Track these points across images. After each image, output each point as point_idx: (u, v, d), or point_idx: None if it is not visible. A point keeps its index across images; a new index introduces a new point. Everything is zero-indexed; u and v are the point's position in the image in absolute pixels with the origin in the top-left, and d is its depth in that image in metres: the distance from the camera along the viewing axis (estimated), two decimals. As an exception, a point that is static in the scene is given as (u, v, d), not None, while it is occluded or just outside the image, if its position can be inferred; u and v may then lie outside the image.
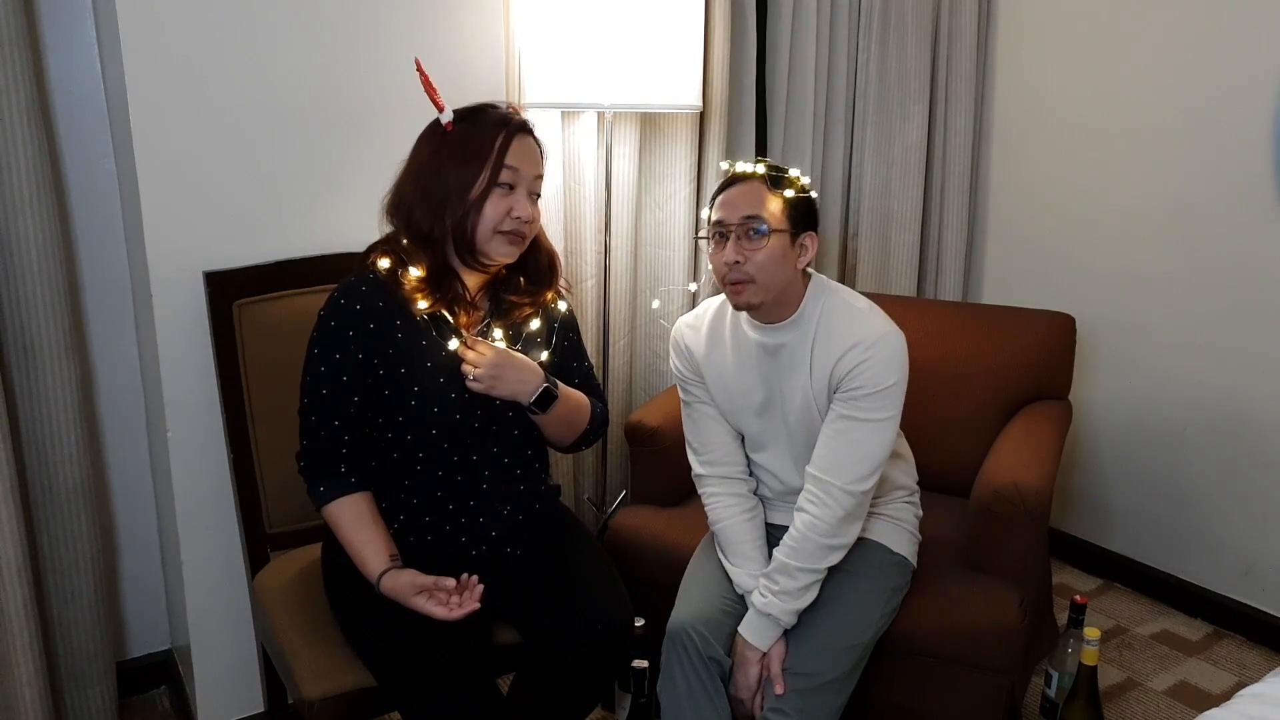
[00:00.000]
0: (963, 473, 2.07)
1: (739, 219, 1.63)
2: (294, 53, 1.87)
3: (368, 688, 1.54)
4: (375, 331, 1.54)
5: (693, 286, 2.45)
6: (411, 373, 1.56)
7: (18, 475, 1.73)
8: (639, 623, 1.91)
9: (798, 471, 1.74)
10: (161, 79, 1.75)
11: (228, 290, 1.78)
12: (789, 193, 1.65)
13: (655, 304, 2.45)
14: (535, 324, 1.66)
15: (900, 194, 2.75)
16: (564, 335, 1.73)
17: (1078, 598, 2.00)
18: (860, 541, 1.75)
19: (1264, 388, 2.42)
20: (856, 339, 1.63)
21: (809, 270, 1.72)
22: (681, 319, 1.85)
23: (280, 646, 1.63)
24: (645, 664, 1.92)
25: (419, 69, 1.57)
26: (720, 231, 1.65)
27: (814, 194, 1.72)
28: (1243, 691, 1.37)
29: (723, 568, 1.80)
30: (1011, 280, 2.96)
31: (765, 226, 1.62)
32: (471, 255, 1.55)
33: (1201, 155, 2.47)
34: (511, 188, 1.54)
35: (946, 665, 1.80)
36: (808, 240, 1.68)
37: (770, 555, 1.73)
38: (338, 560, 1.65)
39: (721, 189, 1.70)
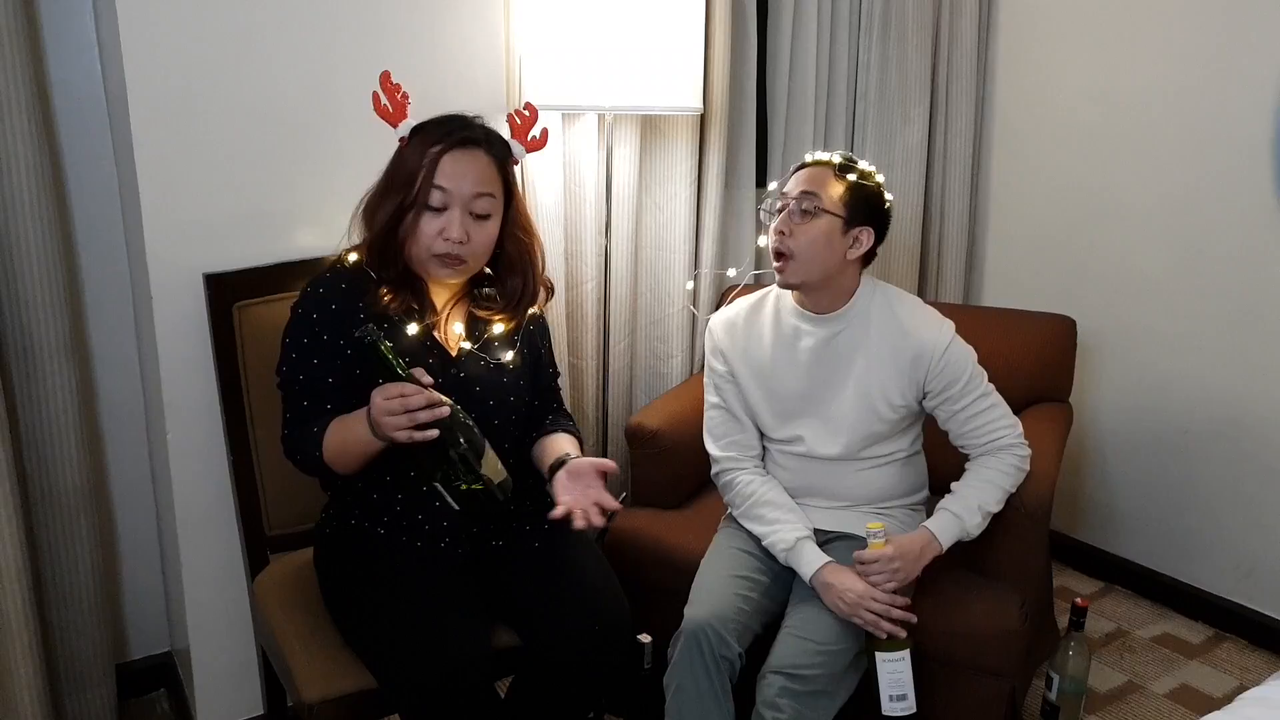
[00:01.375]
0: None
1: (797, 194, 1.74)
2: (294, 54, 1.86)
3: (367, 690, 1.53)
4: (338, 313, 1.55)
5: (731, 272, 2.46)
6: None
7: (17, 478, 1.73)
8: (645, 639, 1.90)
9: (831, 440, 1.81)
10: (161, 79, 1.75)
11: (227, 292, 1.78)
12: (851, 177, 1.72)
13: (689, 285, 2.46)
14: (499, 329, 1.66)
15: (901, 195, 2.75)
16: (538, 342, 1.74)
17: (1079, 600, 2.00)
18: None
19: (1265, 390, 2.42)
20: (925, 348, 1.75)
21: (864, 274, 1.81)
22: (716, 314, 1.94)
23: (279, 649, 1.63)
24: (649, 639, 1.91)
25: (384, 85, 1.57)
26: (780, 205, 1.76)
27: (888, 196, 1.79)
28: (1244, 695, 1.37)
29: (739, 558, 1.80)
30: (1012, 282, 2.96)
31: (817, 205, 1.71)
32: (418, 271, 1.58)
33: (1202, 157, 2.46)
34: (442, 209, 1.52)
35: (948, 668, 1.80)
36: (863, 234, 1.75)
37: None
38: (332, 563, 1.66)
39: (794, 170, 1.79)
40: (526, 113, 1.65)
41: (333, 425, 1.52)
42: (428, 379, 1.41)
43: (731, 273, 2.46)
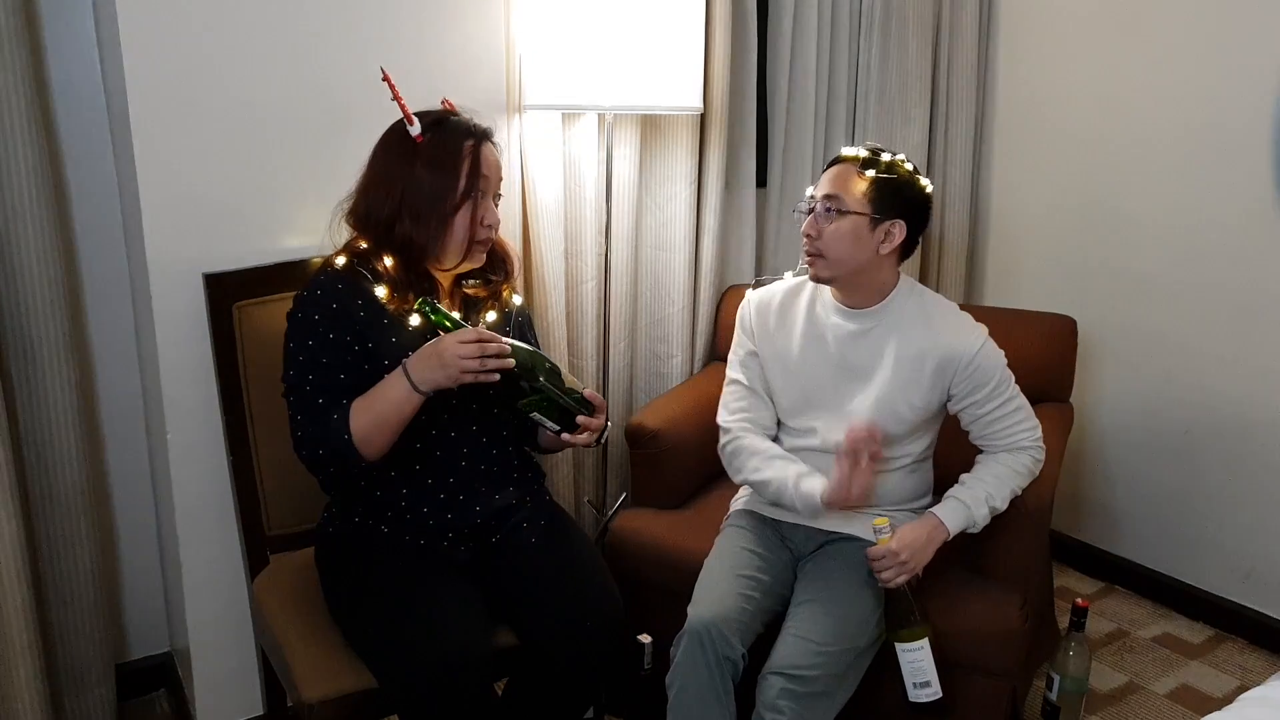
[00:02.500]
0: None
1: (822, 196, 1.75)
2: (294, 54, 1.86)
3: (367, 690, 1.53)
4: (339, 310, 1.56)
5: (788, 275, 2.44)
6: (379, 346, 1.57)
7: (17, 478, 1.73)
8: (645, 639, 1.90)
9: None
10: (161, 79, 1.75)
11: (227, 292, 1.78)
12: (871, 172, 1.73)
13: (751, 289, 2.46)
14: (492, 316, 1.69)
15: (901, 196, 2.75)
16: (525, 332, 1.77)
17: (1079, 600, 2.00)
18: (863, 544, 1.76)
19: (1265, 390, 2.42)
20: (953, 354, 1.75)
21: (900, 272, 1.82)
22: (753, 292, 1.95)
23: (279, 648, 1.63)
24: (649, 639, 1.91)
25: (387, 81, 1.58)
26: (809, 207, 1.78)
27: (924, 183, 1.79)
28: (1245, 695, 1.37)
29: (743, 556, 1.80)
30: (1013, 282, 2.96)
31: (840, 207, 1.72)
32: (447, 262, 1.60)
33: (1202, 157, 2.46)
34: (483, 195, 1.58)
35: (948, 668, 1.79)
36: (894, 228, 1.75)
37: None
38: (334, 561, 1.66)
39: (825, 168, 1.81)
40: (446, 105, 1.68)
41: (355, 405, 1.52)
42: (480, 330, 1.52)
43: (789, 275, 2.45)
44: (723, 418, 1.93)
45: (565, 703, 1.64)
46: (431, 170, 1.55)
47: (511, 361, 1.50)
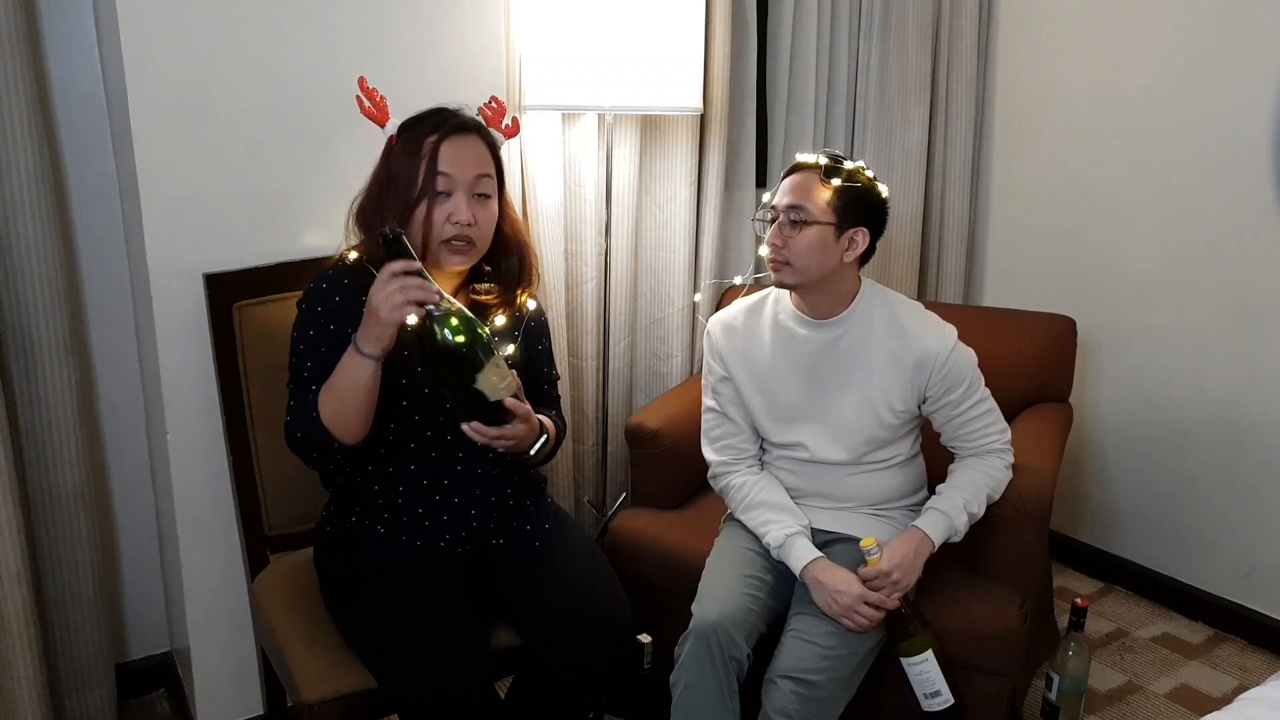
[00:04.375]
0: (963, 475, 2.07)
1: (784, 206, 1.74)
2: (294, 54, 1.86)
3: (367, 690, 1.54)
4: (341, 305, 1.57)
5: (738, 279, 2.44)
6: None
7: (17, 478, 1.73)
8: (645, 639, 1.90)
9: (834, 446, 1.81)
10: (161, 79, 1.75)
11: (227, 292, 1.78)
12: (836, 181, 1.72)
13: (697, 297, 2.49)
14: (501, 320, 1.68)
15: (901, 196, 2.75)
16: (536, 339, 1.75)
17: (1078, 600, 2.00)
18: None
19: (1264, 391, 2.42)
20: (929, 353, 1.75)
21: (861, 276, 1.81)
22: (714, 317, 1.94)
23: (279, 649, 1.63)
24: (649, 639, 1.91)
25: (362, 88, 1.58)
26: (771, 217, 1.76)
27: (882, 190, 1.78)
28: (1244, 695, 1.37)
29: (746, 556, 1.80)
30: (1012, 283, 2.96)
31: (805, 218, 1.71)
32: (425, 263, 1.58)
33: (1202, 158, 2.46)
34: (448, 194, 1.55)
35: (948, 668, 1.80)
36: (858, 235, 1.75)
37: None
38: (332, 561, 1.66)
39: (784, 176, 1.78)
40: (495, 105, 1.67)
41: (324, 385, 1.51)
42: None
43: (738, 280, 2.45)
44: (706, 450, 1.94)
45: (570, 704, 1.63)
46: (398, 170, 1.56)
47: (435, 290, 1.39)
